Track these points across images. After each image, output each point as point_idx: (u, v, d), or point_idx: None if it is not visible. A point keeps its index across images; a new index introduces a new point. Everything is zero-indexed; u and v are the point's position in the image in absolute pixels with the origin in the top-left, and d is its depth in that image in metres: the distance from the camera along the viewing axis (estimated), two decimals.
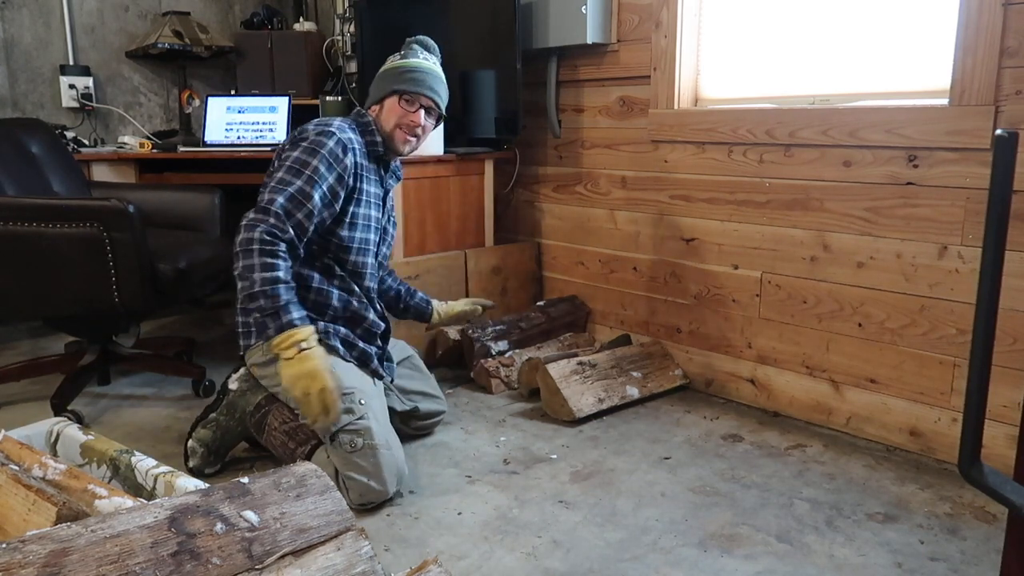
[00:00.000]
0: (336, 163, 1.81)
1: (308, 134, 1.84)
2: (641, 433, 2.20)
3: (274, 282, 1.67)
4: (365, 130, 1.93)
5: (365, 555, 1.18)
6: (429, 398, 2.15)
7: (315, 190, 1.77)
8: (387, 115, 1.92)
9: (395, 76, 1.92)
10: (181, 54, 3.32)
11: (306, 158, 1.79)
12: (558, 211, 2.97)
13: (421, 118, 1.92)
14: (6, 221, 2.07)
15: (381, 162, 1.98)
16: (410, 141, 1.94)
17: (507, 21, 2.65)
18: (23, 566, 0.94)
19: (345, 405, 1.76)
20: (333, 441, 1.75)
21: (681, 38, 2.46)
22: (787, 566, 1.55)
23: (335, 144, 1.82)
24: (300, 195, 1.75)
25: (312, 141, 1.82)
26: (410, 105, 1.91)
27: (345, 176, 1.83)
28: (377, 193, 1.96)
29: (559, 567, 1.54)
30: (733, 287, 2.42)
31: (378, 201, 1.97)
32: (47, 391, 2.28)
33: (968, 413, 0.82)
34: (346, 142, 1.84)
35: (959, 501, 1.81)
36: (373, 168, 1.95)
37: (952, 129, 1.89)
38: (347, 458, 1.73)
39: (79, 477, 1.32)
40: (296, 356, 1.66)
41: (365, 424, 1.75)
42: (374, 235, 1.96)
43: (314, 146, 1.81)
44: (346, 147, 1.84)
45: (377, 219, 1.97)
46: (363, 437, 1.74)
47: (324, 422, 1.69)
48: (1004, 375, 1.88)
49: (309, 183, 1.77)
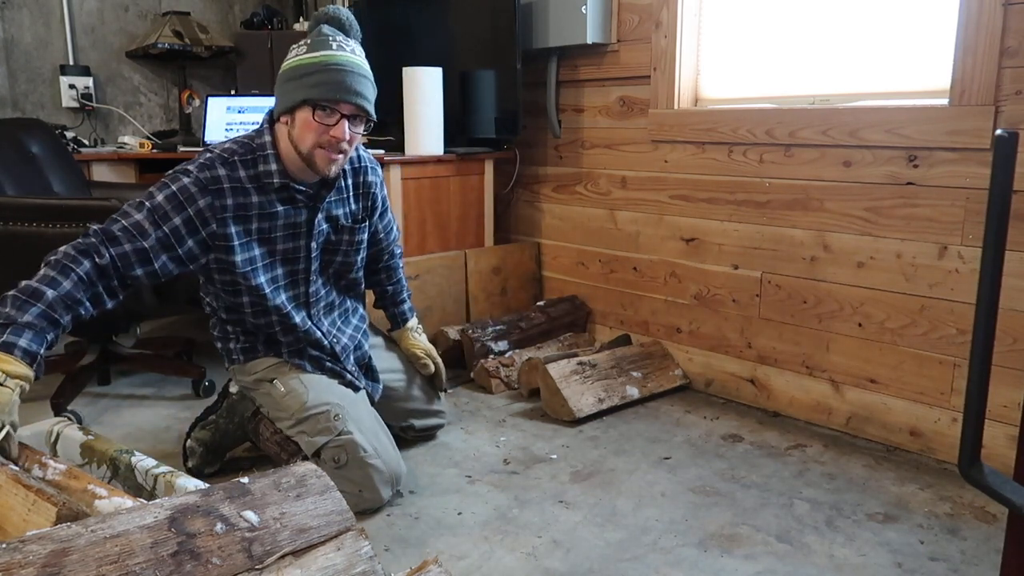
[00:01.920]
0: (188, 203, 1.57)
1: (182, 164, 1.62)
2: (641, 433, 2.20)
3: (34, 296, 1.38)
4: (256, 159, 1.63)
5: (365, 555, 1.18)
6: (426, 415, 2.09)
7: (155, 229, 1.54)
8: (301, 132, 1.58)
9: (304, 79, 1.56)
10: (181, 54, 3.32)
11: (154, 191, 1.58)
12: (558, 211, 2.97)
13: (345, 132, 1.58)
14: (6, 221, 2.07)
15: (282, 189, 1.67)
16: (336, 160, 1.63)
17: (507, 21, 2.65)
18: (23, 566, 0.94)
19: (321, 425, 1.72)
20: (318, 459, 1.71)
21: (681, 38, 2.46)
22: (787, 566, 1.55)
23: (191, 183, 1.57)
24: (135, 229, 1.53)
25: (171, 173, 1.60)
26: (328, 118, 1.56)
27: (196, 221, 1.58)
28: (296, 223, 1.71)
29: (559, 567, 1.54)
30: (733, 287, 2.42)
31: (294, 231, 1.73)
32: (47, 391, 2.28)
33: (968, 413, 0.82)
34: (206, 182, 1.58)
35: (959, 501, 1.81)
36: (279, 198, 1.67)
37: (952, 129, 1.89)
38: (335, 474, 1.66)
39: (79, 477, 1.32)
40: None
41: (346, 439, 1.70)
42: (289, 265, 1.75)
43: (168, 180, 1.58)
44: (205, 188, 1.57)
45: (290, 249, 1.73)
46: (347, 451, 1.69)
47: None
48: (1004, 375, 1.88)
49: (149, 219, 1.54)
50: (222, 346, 1.87)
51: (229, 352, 1.86)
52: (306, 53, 1.58)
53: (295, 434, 1.77)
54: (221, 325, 1.86)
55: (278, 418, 1.80)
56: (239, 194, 1.63)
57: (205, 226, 1.60)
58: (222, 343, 1.86)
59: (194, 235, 1.60)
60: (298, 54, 1.60)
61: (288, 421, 1.77)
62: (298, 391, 1.77)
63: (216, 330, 1.88)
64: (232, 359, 1.86)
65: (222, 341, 1.87)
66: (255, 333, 1.83)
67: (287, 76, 1.59)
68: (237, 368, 1.86)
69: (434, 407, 2.12)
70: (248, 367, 1.84)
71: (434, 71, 2.61)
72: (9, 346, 1.32)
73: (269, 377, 1.81)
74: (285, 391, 1.78)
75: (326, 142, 1.59)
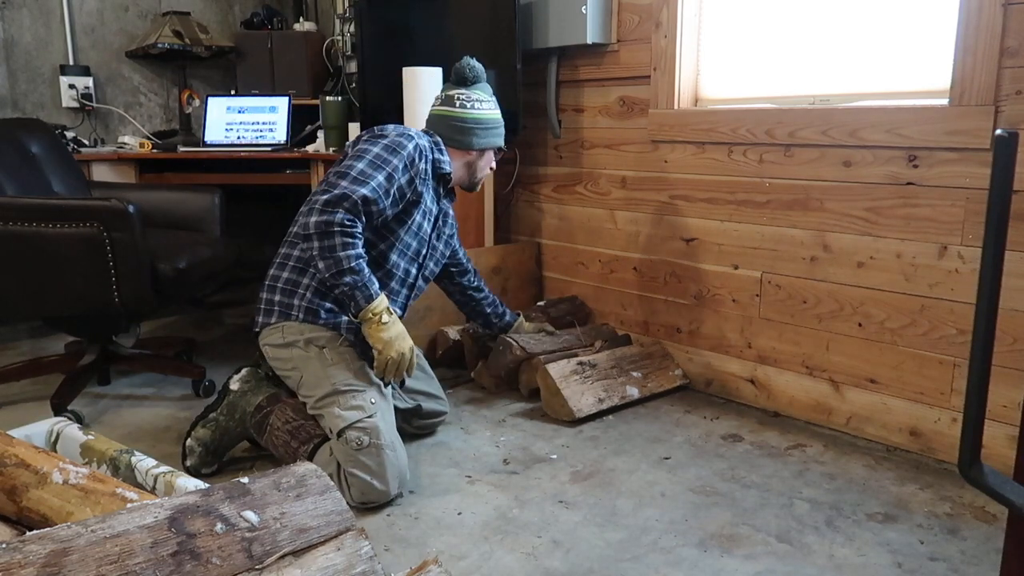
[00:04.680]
0: (411, 166, 1.91)
1: (389, 133, 1.94)
2: (641, 433, 2.20)
3: (358, 258, 1.79)
4: (436, 148, 2.03)
5: (365, 555, 1.18)
6: (432, 398, 2.15)
7: (393, 187, 1.86)
8: (485, 164, 2.14)
9: (491, 131, 2.09)
10: (181, 54, 3.32)
11: (387, 156, 1.88)
12: (558, 211, 2.97)
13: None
14: (6, 221, 2.07)
15: (441, 181, 2.07)
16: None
17: (507, 21, 2.65)
18: (23, 566, 0.94)
19: (356, 402, 1.80)
20: (340, 436, 1.76)
21: (681, 38, 2.46)
22: (787, 566, 1.55)
23: (413, 148, 1.92)
24: (380, 189, 1.83)
25: (393, 140, 1.91)
26: (498, 154, 2.17)
27: (415, 181, 1.92)
28: (431, 209, 2.03)
29: (559, 567, 1.54)
30: (733, 287, 2.42)
31: (431, 217, 2.04)
32: (47, 391, 2.28)
33: (968, 413, 0.82)
34: (424, 149, 1.95)
35: (959, 501, 1.81)
36: (432, 184, 2.03)
37: (952, 129, 1.89)
38: (352, 455, 1.73)
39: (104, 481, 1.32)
40: (390, 320, 1.81)
41: (374, 423, 1.77)
42: (420, 246, 2.03)
43: (395, 146, 1.90)
44: (422, 153, 1.94)
45: (427, 232, 2.03)
46: (370, 435, 1.75)
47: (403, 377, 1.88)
48: (1004, 375, 1.88)
49: (389, 180, 1.86)
50: (280, 299, 1.93)
51: (288, 307, 1.91)
52: (489, 110, 2.09)
53: (324, 405, 1.81)
54: (294, 278, 1.92)
55: (311, 384, 1.84)
56: (427, 173, 1.99)
57: (419, 187, 1.95)
58: (282, 296, 1.93)
59: (412, 193, 1.94)
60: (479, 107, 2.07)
61: (323, 389, 1.82)
62: (344, 364, 1.87)
63: (281, 282, 1.94)
64: (289, 315, 1.90)
65: (285, 294, 1.93)
66: (325, 295, 1.92)
67: (484, 125, 2.08)
68: (288, 326, 1.90)
69: (441, 394, 2.19)
70: (303, 327, 1.89)
71: (434, 71, 2.61)
72: (378, 294, 1.82)
73: (320, 343, 1.88)
74: (332, 360, 1.86)
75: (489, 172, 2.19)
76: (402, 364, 1.85)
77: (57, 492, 1.27)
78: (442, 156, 2.03)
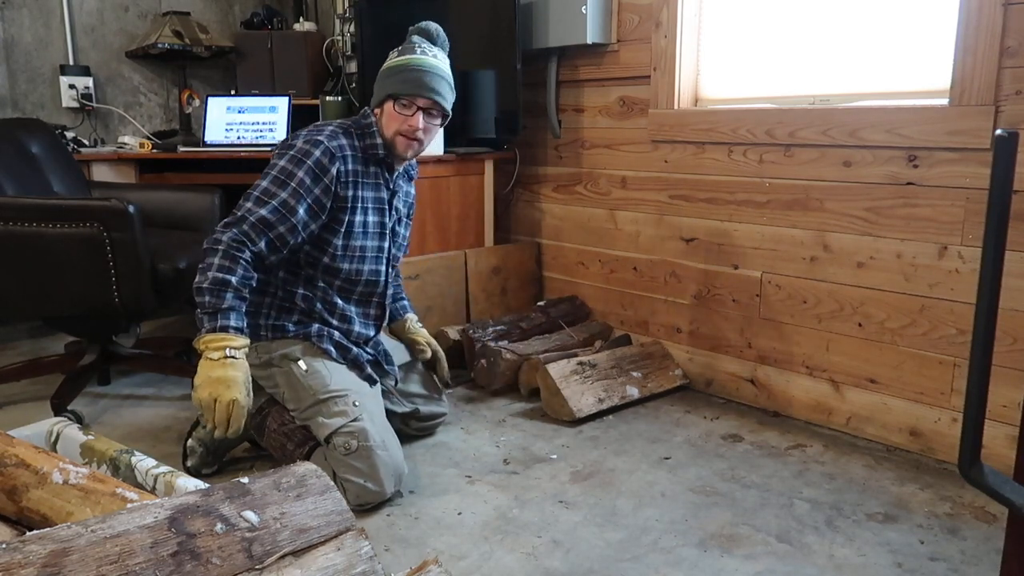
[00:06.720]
0: (322, 174, 1.77)
1: (297, 142, 1.81)
2: (641, 433, 2.20)
3: (223, 284, 1.66)
4: (365, 132, 1.88)
5: (365, 555, 1.18)
6: (430, 400, 2.14)
7: (300, 203, 1.75)
8: (387, 121, 1.86)
9: (390, 77, 1.84)
10: (181, 54, 3.32)
11: (293, 169, 1.76)
12: (558, 211, 2.97)
13: (419, 122, 1.83)
14: (6, 221, 2.07)
15: (383, 164, 1.91)
16: (412, 146, 1.88)
17: (507, 21, 2.65)
18: (23, 566, 0.94)
19: (339, 407, 1.77)
20: (328, 443, 1.75)
21: (681, 38, 2.46)
22: (787, 566, 1.55)
23: (322, 153, 1.78)
24: (283, 208, 1.74)
25: (299, 150, 1.78)
26: (406, 109, 1.83)
27: (332, 187, 1.79)
28: (379, 197, 1.92)
29: (559, 567, 1.54)
30: (733, 287, 2.42)
31: (381, 205, 1.93)
32: (47, 391, 2.28)
33: (968, 413, 0.82)
34: (334, 150, 1.80)
35: (959, 501, 1.81)
36: (373, 172, 1.90)
37: (952, 129, 1.89)
38: (342, 460, 1.72)
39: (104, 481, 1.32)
40: (219, 360, 1.62)
41: (360, 426, 1.75)
42: (378, 240, 1.93)
43: (301, 156, 1.77)
44: (333, 156, 1.79)
45: (381, 223, 1.93)
46: (358, 439, 1.73)
47: (221, 433, 1.62)
48: (1004, 375, 1.88)
49: (295, 196, 1.75)
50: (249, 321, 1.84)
51: (256, 328, 1.86)
52: (396, 57, 1.86)
53: (309, 416, 1.80)
54: (255, 299, 1.86)
55: (294, 398, 1.82)
56: (356, 161, 1.85)
57: (339, 189, 1.82)
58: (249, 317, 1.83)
59: (332, 199, 1.81)
60: (390, 58, 1.88)
61: (305, 401, 1.80)
62: (321, 373, 1.83)
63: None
64: (259, 335, 1.87)
65: (250, 316, 1.84)
66: (291, 310, 1.88)
67: (380, 76, 1.87)
68: (261, 345, 1.87)
69: (440, 396, 2.17)
70: (274, 344, 1.87)
71: None
72: (224, 328, 1.65)
73: (295, 356, 1.85)
74: (308, 371, 1.83)
75: (405, 130, 1.84)
76: (217, 412, 1.59)
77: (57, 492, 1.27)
78: (374, 140, 1.87)
